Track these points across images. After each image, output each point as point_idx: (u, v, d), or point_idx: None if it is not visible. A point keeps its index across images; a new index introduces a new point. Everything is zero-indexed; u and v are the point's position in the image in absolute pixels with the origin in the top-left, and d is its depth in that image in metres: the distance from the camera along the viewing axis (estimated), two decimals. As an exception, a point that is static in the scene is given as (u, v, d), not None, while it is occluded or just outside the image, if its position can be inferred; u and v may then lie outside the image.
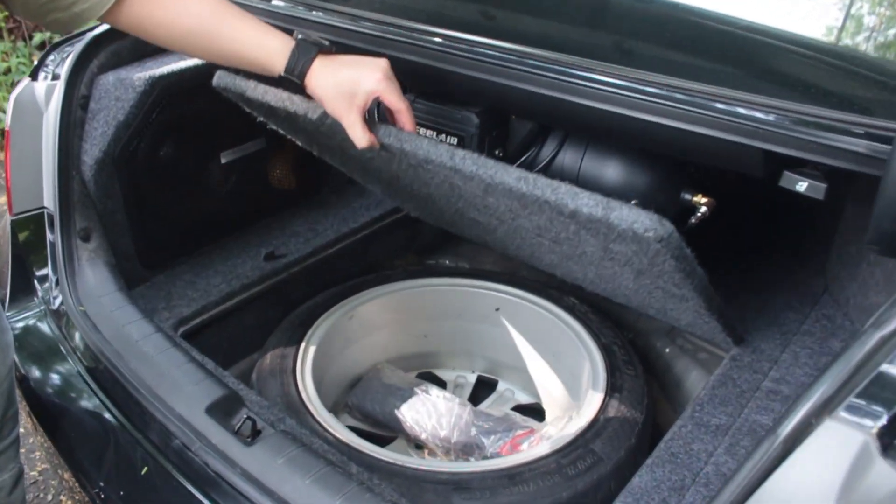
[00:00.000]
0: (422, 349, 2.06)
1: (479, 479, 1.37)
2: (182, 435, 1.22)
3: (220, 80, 1.50)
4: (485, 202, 1.32)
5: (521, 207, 1.19)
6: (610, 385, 1.62)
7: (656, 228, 0.97)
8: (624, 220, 0.99)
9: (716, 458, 1.32)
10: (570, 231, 1.20)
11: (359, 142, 1.23)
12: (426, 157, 1.21)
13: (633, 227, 0.98)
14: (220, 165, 1.88)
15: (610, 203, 1.01)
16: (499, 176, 1.11)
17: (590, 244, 1.22)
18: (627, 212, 0.99)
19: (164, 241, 1.81)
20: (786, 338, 1.62)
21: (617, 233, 1.03)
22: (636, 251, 1.08)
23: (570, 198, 1.04)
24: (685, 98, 1.06)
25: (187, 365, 1.35)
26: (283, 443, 1.19)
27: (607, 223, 1.01)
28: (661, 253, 1.03)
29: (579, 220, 1.07)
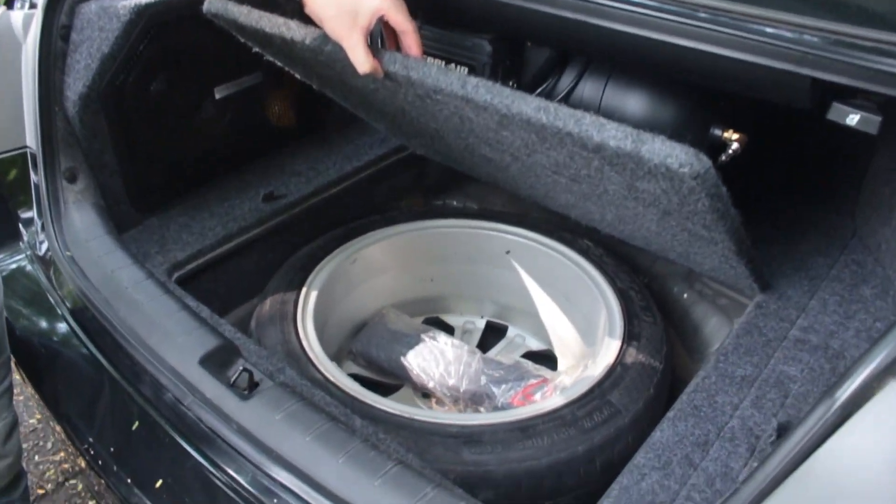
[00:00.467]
0: (428, 293, 1.98)
1: (490, 433, 1.30)
2: (174, 388, 1.15)
3: (210, 5, 1.38)
4: (498, 136, 1.22)
5: (539, 141, 1.08)
6: (627, 332, 1.54)
7: (692, 163, 0.87)
8: (656, 154, 0.89)
9: (741, 411, 1.25)
10: (591, 167, 1.09)
11: (360, 66, 1.12)
12: (435, 86, 1.10)
13: (667, 161, 0.88)
14: (214, 101, 1.76)
15: (640, 135, 0.90)
16: (516, 106, 1.01)
17: (613, 182, 1.12)
18: (660, 145, 0.88)
19: (157, 182, 1.72)
20: (814, 284, 1.53)
21: (647, 168, 0.93)
22: (667, 189, 0.98)
23: (595, 129, 0.93)
24: (725, 20, 0.94)
25: (180, 313, 1.28)
26: (282, 396, 1.12)
27: (637, 157, 0.91)
28: (695, 191, 0.93)
29: (604, 154, 0.97)
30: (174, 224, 1.70)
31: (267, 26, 1.31)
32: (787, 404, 1.26)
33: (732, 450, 1.17)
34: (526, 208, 2.12)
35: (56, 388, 1.30)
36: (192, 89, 1.72)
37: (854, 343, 1.38)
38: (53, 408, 1.27)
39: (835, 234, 1.69)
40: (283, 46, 1.37)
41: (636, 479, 1.13)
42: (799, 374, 1.31)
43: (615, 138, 0.92)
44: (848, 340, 1.38)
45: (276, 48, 1.41)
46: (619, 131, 0.92)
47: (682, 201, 1.01)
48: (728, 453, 1.17)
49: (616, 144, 0.92)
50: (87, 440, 1.17)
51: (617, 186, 1.14)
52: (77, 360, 1.29)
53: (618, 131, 0.92)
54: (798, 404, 1.25)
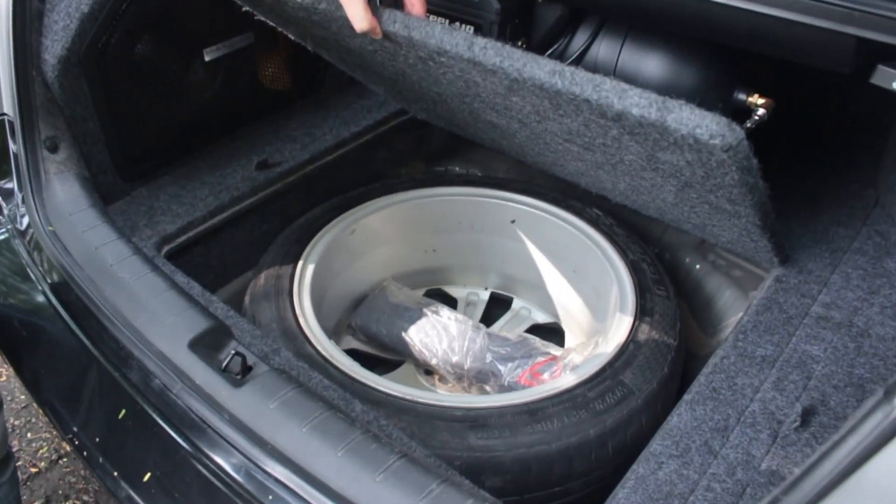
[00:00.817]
0: (430, 265, 1.91)
1: (497, 416, 1.24)
2: (162, 374, 1.08)
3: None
4: (507, 102, 1.13)
5: (551, 108, 1.00)
6: (640, 307, 1.47)
7: (724, 134, 0.79)
8: (684, 123, 0.80)
9: (762, 393, 1.18)
10: (608, 136, 1.01)
11: (357, 23, 1.03)
12: (439, 48, 1.01)
13: (696, 132, 0.80)
14: (203, 64, 1.66)
15: (666, 102, 0.82)
16: (528, 69, 0.92)
17: (631, 152, 1.03)
18: (688, 114, 0.80)
19: (144, 150, 1.63)
20: (835, 256, 1.46)
21: (672, 139, 0.85)
22: (692, 161, 0.90)
23: (616, 96, 0.85)
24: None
25: (169, 292, 1.20)
26: (277, 382, 1.05)
27: (661, 127, 0.83)
28: (725, 164, 0.85)
29: (625, 123, 0.88)
30: (164, 194, 1.62)
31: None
32: (810, 386, 1.19)
33: (754, 436, 1.11)
34: (532, 175, 2.03)
35: (38, 372, 1.23)
36: (180, 51, 1.62)
37: (879, 320, 1.31)
38: (35, 392, 1.21)
39: (856, 203, 1.61)
40: (273, 5, 1.27)
41: (653, 468, 1.07)
42: (822, 354, 1.25)
43: (638, 106, 0.83)
44: (873, 317, 1.32)
45: (265, 7, 1.31)
46: (642, 98, 0.83)
47: (707, 174, 0.93)
48: (749, 439, 1.11)
49: (639, 113, 0.84)
50: (72, 429, 1.11)
51: (635, 157, 1.06)
52: (60, 342, 1.22)
53: (641, 98, 0.83)
54: (821, 386, 1.19)
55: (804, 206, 1.60)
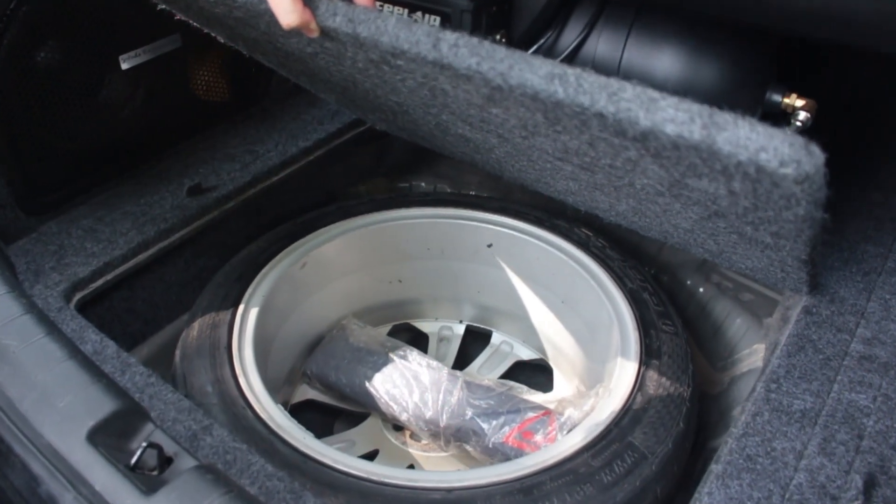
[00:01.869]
0: (396, 297, 1.67)
1: (484, 498, 1.01)
2: (50, 478, 0.83)
3: None
4: (484, 114, 0.90)
5: (546, 123, 0.77)
6: (644, 348, 1.26)
7: (799, 161, 0.57)
8: (741, 145, 0.58)
9: (807, 460, 0.97)
10: (620, 158, 0.78)
11: (284, 17, 0.81)
12: (393, 48, 0.77)
13: (759, 158, 0.57)
14: (120, 73, 1.40)
15: (715, 116, 0.59)
16: (516, 74, 0.69)
17: (648, 176, 0.81)
18: (748, 132, 0.58)
19: (52, 178, 1.37)
20: (869, 280, 1.26)
21: (720, 166, 0.62)
22: (740, 190, 0.68)
23: (642, 109, 0.62)
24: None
25: (67, 362, 0.94)
26: (200, 486, 0.80)
27: (708, 150, 0.60)
28: (793, 198, 0.63)
29: (652, 144, 0.66)
30: (77, 230, 1.36)
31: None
32: (864, 448, 0.98)
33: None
34: (509, 190, 1.81)
35: None
36: (91, 58, 1.36)
37: (932, 359, 1.11)
38: None
39: (881, 215, 1.42)
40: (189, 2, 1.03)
41: (686, 571, 0.85)
42: (871, 405, 1.04)
43: (675, 122, 0.61)
44: (923, 355, 1.11)
45: (182, 4, 1.07)
46: (680, 111, 0.61)
47: (757, 206, 0.71)
48: (801, 523, 0.89)
49: (676, 131, 0.61)
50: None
51: (652, 181, 0.84)
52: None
53: (679, 111, 0.61)
54: (877, 448, 0.98)
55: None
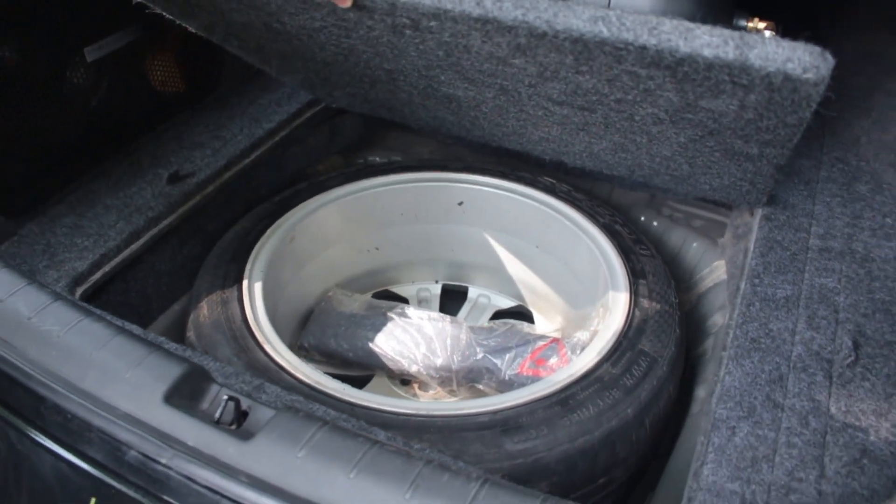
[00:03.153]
0: (374, 265, 1.72)
1: (528, 414, 1.09)
2: (140, 442, 0.84)
3: None
4: (500, 67, 0.98)
5: (574, 65, 0.86)
6: (630, 271, 1.37)
7: (818, 66, 0.69)
8: (770, 59, 0.70)
9: (800, 335, 1.11)
10: (638, 89, 0.88)
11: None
12: (437, 9, 0.84)
13: (786, 67, 0.69)
14: (85, 65, 1.38)
15: (745, 38, 0.71)
16: (561, 20, 0.78)
17: (657, 105, 0.92)
18: (775, 47, 0.69)
19: (26, 177, 1.33)
20: (810, 187, 1.43)
21: (747, 79, 0.74)
22: (754, 103, 0.80)
23: (681, 38, 0.73)
24: None
25: (117, 338, 0.95)
26: (298, 425, 0.84)
27: (740, 67, 0.72)
28: (808, 100, 0.75)
29: (685, 68, 0.76)
30: (60, 227, 1.33)
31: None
32: (841, 319, 1.14)
33: (811, 380, 1.04)
34: (457, 153, 1.89)
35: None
36: (55, 51, 1.33)
37: (875, 243, 1.29)
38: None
39: (807, 132, 1.60)
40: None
41: (727, 436, 0.97)
42: (838, 285, 1.20)
43: (711, 46, 0.72)
44: (868, 241, 1.29)
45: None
46: (714, 37, 0.72)
47: (763, 115, 0.84)
48: (808, 384, 1.03)
49: (712, 54, 0.72)
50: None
51: (657, 110, 0.94)
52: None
53: (713, 37, 0.72)
54: (852, 317, 1.14)
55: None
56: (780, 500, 0.88)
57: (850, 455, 0.93)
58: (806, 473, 0.91)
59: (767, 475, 0.91)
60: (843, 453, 0.93)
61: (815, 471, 0.91)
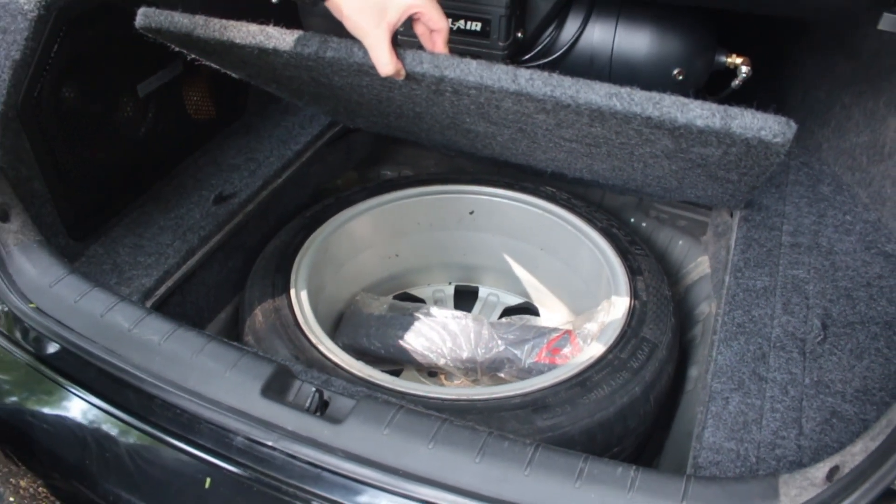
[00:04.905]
0: (395, 270, 1.90)
1: (553, 395, 1.28)
2: (247, 429, 1.01)
3: (148, 19, 1.20)
4: (525, 118, 1.16)
5: (588, 122, 1.05)
6: (628, 269, 1.57)
7: (785, 132, 0.90)
8: (748, 127, 0.90)
9: (778, 319, 1.32)
10: (641, 138, 1.07)
11: (383, 67, 1.02)
12: (478, 84, 1.02)
13: (761, 134, 0.90)
14: (137, 100, 1.54)
15: (729, 111, 0.91)
16: (583, 95, 0.96)
17: (656, 147, 1.11)
18: (751, 118, 0.90)
19: (92, 203, 1.48)
20: (780, 190, 1.64)
21: (730, 142, 0.94)
22: (735, 152, 1.00)
23: (678, 111, 0.93)
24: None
25: (210, 345, 1.11)
26: (380, 409, 1.02)
27: (724, 133, 0.92)
28: (776, 154, 0.96)
29: (681, 131, 0.96)
30: (123, 248, 1.49)
31: (237, 37, 1.15)
32: (811, 304, 1.35)
33: (788, 356, 1.24)
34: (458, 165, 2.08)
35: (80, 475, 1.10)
36: (112, 89, 1.49)
37: (837, 238, 1.50)
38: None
39: (774, 141, 1.82)
40: (251, 58, 1.21)
41: (722, 405, 1.17)
42: (808, 276, 1.41)
43: (702, 118, 0.92)
44: (831, 236, 1.50)
45: (237, 60, 1.24)
46: (705, 110, 0.92)
47: (742, 159, 1.04)
48: (786, 360, 1.24)
49: (703, 124, 0.92)
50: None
51: (655, 150, 1.14)
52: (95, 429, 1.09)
53: (704, 110, 0.92)
54: (820, 302, 1.35)
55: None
56: (768, 454, 1.08)
57: (822, 416, 1.13)
58: (787, 432, 1.11)
59: (756, 435, 1.11)
60: (817, 415, 1.14)
61: (795, 430, 1.12)
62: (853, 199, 1.60)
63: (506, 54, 1.30)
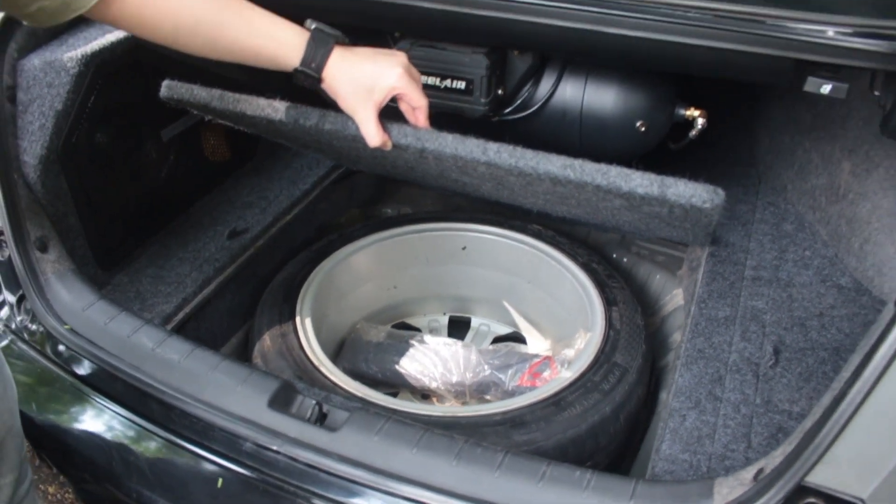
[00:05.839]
0: (393, 300, 2.05)
1: (529, 412, 1.42)
2: (255, 435, 1.16)
3: (170, 91, 1.36)
4: (501, 179, 1.31)
5: (551, 184, 1.20)
6: (605, 299, 1.71)
7: (713, 199, 1.05)
8: (681, 195, 1.06)
9: (735, 345, 1.45)
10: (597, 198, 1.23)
11: (371, 139, 1.18)
12: (453, 155, 1.18)
13: (692, 201, 1.05)
14: (160, 143, 1.71)
15: (665, 181, 1.06)
16: (542, 166, 1.13)
17: (615, 205, 1.26)
18: (684, 187, 1.05)
19: (118, 237, 1.65)
20: (746, 228, 1.79)
21: (669, 205, 1.09)
22: (676, 212, 1.15)
23: (622, 180, 1.09)
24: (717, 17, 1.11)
25: (224, 363, 1.26)
26: (368, 420, 1.16)
27: (662, 199, 1.07)
28: (709, 216, 1.11)
29: (627, 196, 1.11)
30: (145, 277, 1.65)
31: (248, 109, 1.31)
32: (767, 332, 1.48)
33: (742, 379, 1.38)
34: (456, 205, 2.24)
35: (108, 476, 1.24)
36: (139, 135, 1.66)
37: (796, 272, 1.64)
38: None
39: (746, 182, 1.97)
40: (261, 124, 1.37)
41: (680, 421, 1.30)
42: (766, 306, 1.55)
43: (642, 186, 1.08)
44: (790, 270, 1.64)
45: (249, 123, 1.41)
46: (645, 179, 1.07)
47: (685, 218, 1.19)
48: (740, 382, 1.37)
49: (644, 192, 1.08)
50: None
51: (614, 206, 1.29)
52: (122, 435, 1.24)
53: (644, 179, 1.08)
54: (776, 330, 1.48)
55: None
56: (718, 465, 1.21)
57: (769, 431, 1.26)
58: (737, 445, 1.24)
59: (709, 448, 1.24)
60: (765, 430, 1.27)
61: (744, 443, 1.25)
62: (813, 237, 1.74)
63: (487, 109, 1.46)
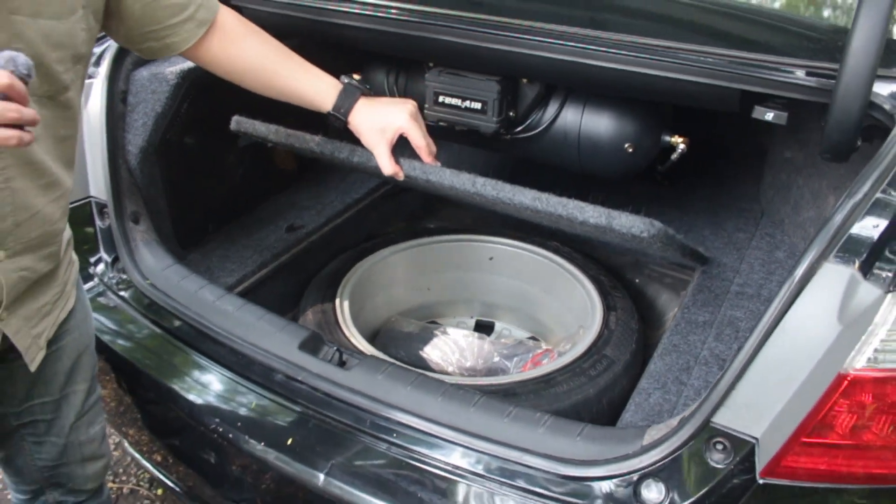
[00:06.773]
0: (426, 301, 2.31)
1: (521, 386, 1.65)
2: (286, 369, 1.43)
3: (238, 125, 1.71)
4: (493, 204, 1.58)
5: (532, 212, 1.46)
6: (606, 305, 1.93)
7: (649, 230, 1.30)
8: (624, 225, 1.31)
9: (708, 344, 1.65)
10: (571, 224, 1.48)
11: (385, 169, 1.47)
12: (450, 185, 1.47)
13: (632, 230, 1.30)
14: (237, 150, 2.05)
15: (611, 213, 1.31)
16: (517, 198, 1.41)
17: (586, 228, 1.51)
18: (626, 219, 1.30)
19: (196, 221, 1.98)
20: (741, 252, 1.98)
21: (619, 233, 1.34)
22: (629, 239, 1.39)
23: (578, 212, 1.35)
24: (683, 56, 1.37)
25: (267, 315, 1.56)
26: (375, 364, 1.42)
27: (610, 227, 1.32)
28: (653, 242, 1.35)
29: (584, 222, 1.37)
30: (214, 256, 1.97)
31: (296, 142, 1.65)
32: (740, 336, 1.67)
33: (708, 370, 1.57)
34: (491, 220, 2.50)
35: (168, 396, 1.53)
36: (221, 140, 2.01)
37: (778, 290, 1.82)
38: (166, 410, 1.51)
39: (749, 215, 2.17)
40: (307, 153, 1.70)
41: (645, 398, 1.51)
42: (743, 316, 1.74)
43: (594, 216, 1.33)
44: (773, 289, 1.83)
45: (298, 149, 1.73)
46: (595, 211, 1.33)
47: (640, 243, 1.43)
48: (706, 373, 1.57)
49: (595, 221, 1.33)
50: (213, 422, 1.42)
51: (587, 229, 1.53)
52: (183, 365, 1.54)
53: (594, 211, 1.33)
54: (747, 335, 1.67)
55: (711, 219, 2.15)
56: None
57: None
58: (692, 420, 1.44)
59: (666, 419, 1.44)
60: (719, 410, 1.46)
61: (699, 418, 1.44)
62: (802, 264, 1.92)
63: (499, 127, 1.74)
